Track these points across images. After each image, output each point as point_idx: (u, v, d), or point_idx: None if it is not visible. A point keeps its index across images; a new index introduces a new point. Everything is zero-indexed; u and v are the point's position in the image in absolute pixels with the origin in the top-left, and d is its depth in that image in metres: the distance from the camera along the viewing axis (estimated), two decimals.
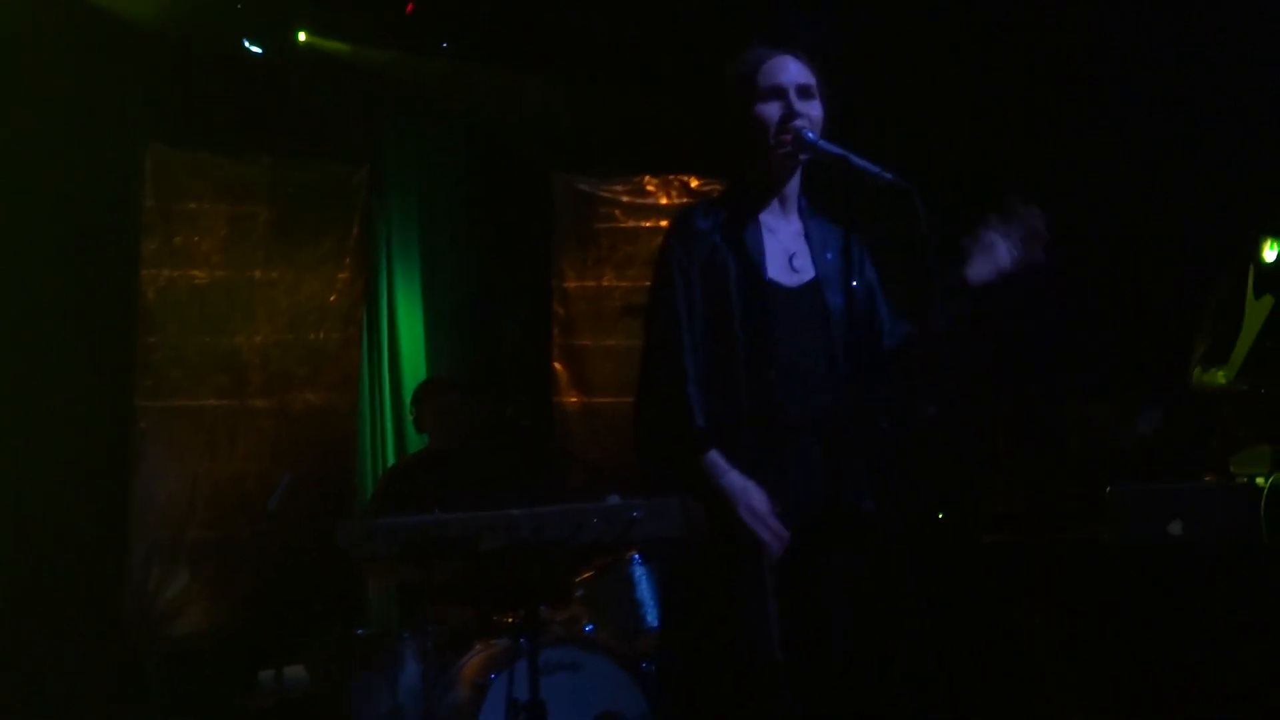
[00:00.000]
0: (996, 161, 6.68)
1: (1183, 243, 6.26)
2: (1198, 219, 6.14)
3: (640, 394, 3.37)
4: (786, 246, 3.42)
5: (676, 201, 7.68)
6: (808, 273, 3.42)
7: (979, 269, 3.42)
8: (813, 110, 3.38)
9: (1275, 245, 5.16)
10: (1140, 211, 6.45)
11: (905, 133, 6.61)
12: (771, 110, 3.36)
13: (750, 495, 3.19)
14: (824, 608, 3.27)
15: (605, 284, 7.73)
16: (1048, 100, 6.70)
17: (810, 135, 3.34)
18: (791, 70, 3.40)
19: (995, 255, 3.43)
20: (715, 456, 3.23)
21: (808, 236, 3.46)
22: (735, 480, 3.21)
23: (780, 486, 3.25)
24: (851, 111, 3.55)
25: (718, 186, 3.71)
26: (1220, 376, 5.04)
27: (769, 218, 3.45)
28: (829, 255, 3.45)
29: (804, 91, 3.38)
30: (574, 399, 7.70)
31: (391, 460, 7.35)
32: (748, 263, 3.36)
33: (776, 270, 3.38)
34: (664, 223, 7.39)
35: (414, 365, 7.55)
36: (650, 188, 7.77)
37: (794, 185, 3.47)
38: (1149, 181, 6.36)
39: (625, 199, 7.76)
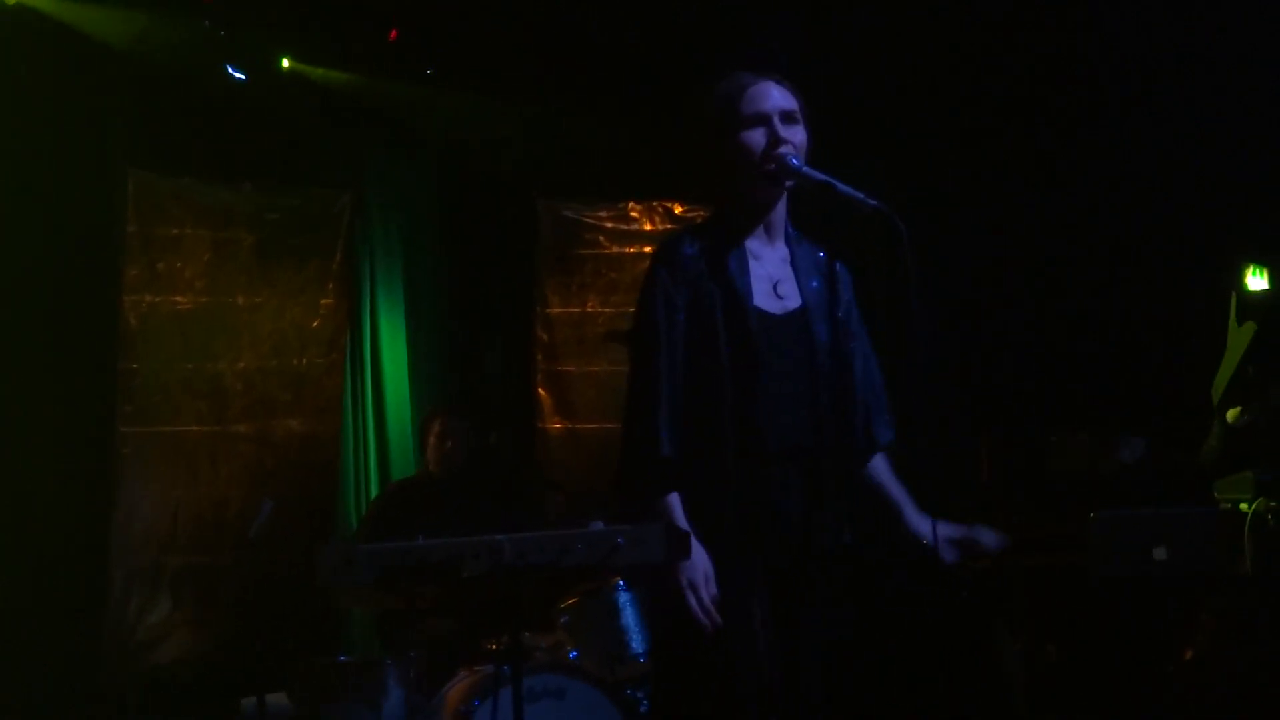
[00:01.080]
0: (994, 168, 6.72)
1: (1167, 271, 6.28)
2: (1182, 249, 6.16)
3: (622, 423, 3.37)
4: (771, 273, 3.41)
5: (660, 227, 7.68)
6: (793, 300, 3.40)
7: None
8: (796, 135, 3.35)
9: (1258, 272, 5.18)
10: (1124, 241, 6.47)
11: (904, 134, 6.63)
12: (755, 137, 3.33)
13: (694, 570, 3.17)
14: (805, 640, 3.25)
15: (589, 310, 7.74)
16: (1030, 126, 6.73)
17: (795, 161, 3.31)
18: (774, 96, 3.38)
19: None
20: (673, 500, 3.23)
21: (793, 263, 3.45)
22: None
23: (760, 515, 3.25)
24: (851, 114, 3.53)
25: (702, 212, 3.68)
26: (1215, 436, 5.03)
27: (754, 244, 3.42)
28: (814, 283, 3.43)
29: (787, 117, 3.36)
30: (557, 425, 7.70)
31: (375, 486, 7.33)
32: (733, 289, 3.33)
33: (762, 297, 3.36)
34: (648, 248, 7.39)
35: (397, 391, 7.53)
36: (634, 213, 7.79)
37: (780, 211, 3.45)
38: (1133, 211, 6.38)
39: (609, 225, 7.77)
